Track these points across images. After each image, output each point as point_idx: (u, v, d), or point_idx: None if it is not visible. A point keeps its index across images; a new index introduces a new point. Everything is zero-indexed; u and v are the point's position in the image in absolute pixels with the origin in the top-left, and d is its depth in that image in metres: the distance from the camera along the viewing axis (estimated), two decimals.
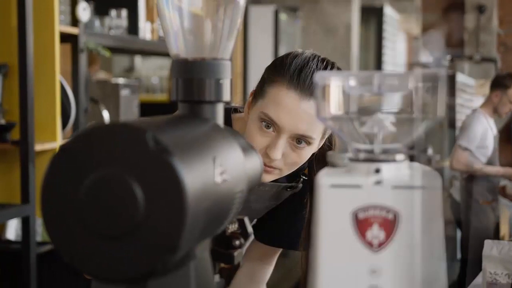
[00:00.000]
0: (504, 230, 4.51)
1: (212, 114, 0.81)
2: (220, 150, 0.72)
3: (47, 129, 2.56)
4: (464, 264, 4.47)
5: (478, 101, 8.37)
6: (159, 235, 0.60)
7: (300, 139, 1.22)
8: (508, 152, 9.49)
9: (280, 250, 1.52)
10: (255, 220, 1.46)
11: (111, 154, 0.62)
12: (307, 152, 1.25)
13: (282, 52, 4.85)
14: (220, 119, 0.81)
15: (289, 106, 1.20)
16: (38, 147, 2.48)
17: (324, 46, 5.59)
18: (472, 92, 7.65)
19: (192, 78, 0.80)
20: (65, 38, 2.69)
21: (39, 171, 2.45)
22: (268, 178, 1.27)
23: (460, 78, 7.04)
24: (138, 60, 5.87)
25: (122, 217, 0.60)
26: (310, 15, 5.66)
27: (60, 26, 2.61)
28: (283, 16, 5.10)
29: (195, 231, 0.62)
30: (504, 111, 4.36)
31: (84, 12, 2.70)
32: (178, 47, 0.82)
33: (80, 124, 2.76)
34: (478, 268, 4.94)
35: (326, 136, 1.30)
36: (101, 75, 4.38)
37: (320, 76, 0.70)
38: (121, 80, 3.26)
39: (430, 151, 4.54)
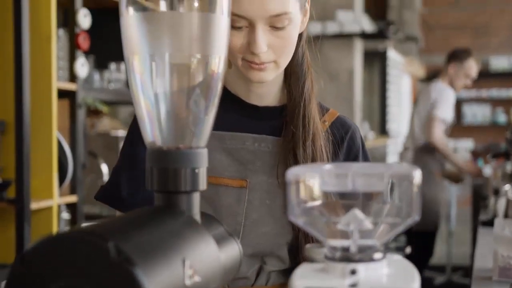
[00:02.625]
0: None
1: (187, 205, 0.79)
2: (192, 249, 0.70)
3: (43, 186, 2.55)
4: (410, 235, 4.48)
5: (406, 78, 8.43)
6: None
7: (277, 21, 1.11)
8: None
9: None
10: None
11: (72, 264, 0.60)
12: (292, 31, 1.14)
13: None
14: (196, 209, 0.79)
15: None
16: (34, 205, 2.46)
17: (327, 91, 5.60)
18: (401, 68, 7.75)
19: (167, 168, 0.78)
20: (63, 93, 2.69)
21: (35, 230, 2.43)
22: (266, 75, 1.16)
23: (391, 54, 7.07)
24: None
25: None
26: (313, 61, 5.66)
27: (58, 82, 2.61)
28: None
29: None
30: (459, 84, 4.44)
31: (82, 67, 2.71)
32: (154, 135, 0.81)
33: (78, 180, 2.75)
34: (421, 239, 4.92)
35: (307, 6, 1.21)
36: (106, 121, 4.38)
37: (292, 173, 0.68)
38: (121, 133, 3.26)
39: (408, 249, 4.51)
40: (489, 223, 2.76)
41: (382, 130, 7.32)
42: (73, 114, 2.71)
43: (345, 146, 1.25)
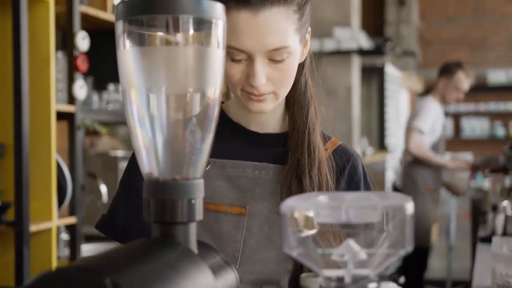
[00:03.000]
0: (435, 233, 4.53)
1: (184, 236, 0.80)
2: (188, 281, 0.71)
3: (43, 208, 2.55)
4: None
5: (404, 93, 8.47)
6: None
7: (276, 54, 1.11)
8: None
9: None
10: None
11: None
12: (292, 63, 1.15)
13: None
14: (193, 239, 0.80)
15: (245, 26, 1.09)
16: (34, 227, 2.46)
17: (325, 108, 5.59)
18: (399, 83, 7.78)
19: (164, 199, 0.79)
20: (62, 115, 2.71)
21: (34, 252, 2.43)
22: (266, 106, 1.16)
23: (389, 69, 7.10)
24: None
25: None
26: (311, 78, 5.68)
27: (57, 104, 2.63)
28: None
29: None
30: (451, 98, 4.45)
31: (81, 89, 2.73)
32: (150, 166, 0.82)
33: (77, 202, 2.75)
34: (414, 255, 4.90)
35: (307, 37, 1.20)
36: (105, 140, 4.39)
37: (287, 206, 0.69)
38: (120, 153, 3.27)
39: (402, 279, 4.50)
40: (488, 240, 2.76)
41: (381, 145, 7.34)
42: (72, 135, 2.73)
43: (347, 174, 1.26)
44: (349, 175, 1.26)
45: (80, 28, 2.73)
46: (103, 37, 3.12)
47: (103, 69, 2.94)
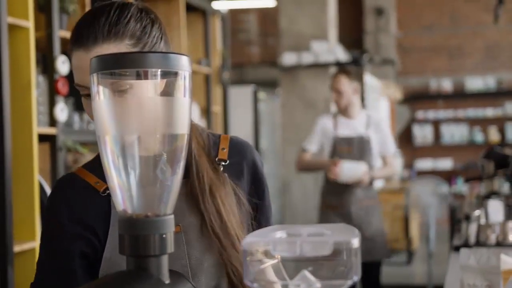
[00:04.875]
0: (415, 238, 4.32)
1: (157, 268, 0.87)
2: None
3: (26, 229, 2.61)
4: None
5: (384, 101, 8.60)
6: None
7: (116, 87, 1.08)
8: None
9: None
10: None
11: None
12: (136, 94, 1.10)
13: (262, 128, 4.97)
14: (165, 270, 0.87)
15: (80, 63, 1.16)
16: (17, 248, 2.52)
17: (304, 120, 5.71)
18: (378, 92, 7.89)
19: (138, 235, 0.87)
20: (44, 138, 2.77)
21: (18, 273, 2.49)
22: None
23: (367, 79, 7.21)
24: None
25: None
26: (290, 90, 5.80)
27: (39, 127, 2.69)
28: (261, 95, 5.23)
29: None
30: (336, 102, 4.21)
31: (62, 112, 2.79)
32: (124, 204, 0.89)
33: None
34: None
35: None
36: (88, 157, 4.44)
37: (247, 243, 0.77)
38: None
39: None
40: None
41: None
42: (54, 157, 2.79)
43: (246, 167, 1.33)
44: (250, 167, 1.33)
45: (60, 52, 2.80)
46: None
47: None
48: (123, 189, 0.89)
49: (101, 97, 0.87)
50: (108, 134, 0.87)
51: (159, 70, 0.86)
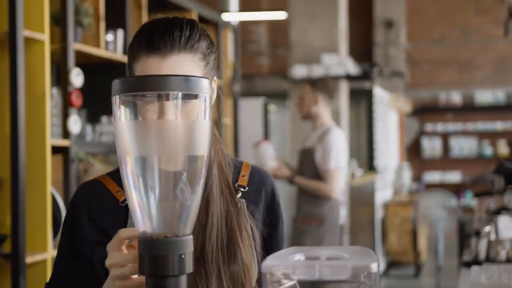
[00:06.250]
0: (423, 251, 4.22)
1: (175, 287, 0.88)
2: None
3: (38, 240, 2.63)
4: None
5: (393, 113, 8.59)
6: None
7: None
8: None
9: None
10: None
11: None
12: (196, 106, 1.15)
13: (272, 140, 4.97)
14: None
15: (154, 70, 1.16)
16: (29, 259, 2.54)
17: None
18: (387, 104, 7.87)
19: (157, 255, 0.88)
20: (57, 149, 2.79)
21: (30, 283, 2.50)
22: None
23: (377, 91, 7.20)
24: None
25: None
26: None
27: (52, 139, 2.71)
28: (272, 108, 5.24)
29: None
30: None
31: (75, 124, 2.81)
32: (144, 224, 0.90)
33: None
34: None
35: (213, 85, 1.29)
36: (98, 167, 4.45)
37: (266, 266, 0.78)
38: None
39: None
40: (471, 264, 2.82)
41: (370, 166, 7.43)
42: (67, 169, 2.81)
43: (265, 196, 1.34)
44: (268, 197, 1.34)
45: (74, 65, 2.82)
46: (96, 71, 3.21)
47: (96, 102, 3.03)
48: (143, 209, 0.90)
49: (123, 118, 0.89)
50: (129, 155, 0.89)
51: (180, 92, 0.87)
